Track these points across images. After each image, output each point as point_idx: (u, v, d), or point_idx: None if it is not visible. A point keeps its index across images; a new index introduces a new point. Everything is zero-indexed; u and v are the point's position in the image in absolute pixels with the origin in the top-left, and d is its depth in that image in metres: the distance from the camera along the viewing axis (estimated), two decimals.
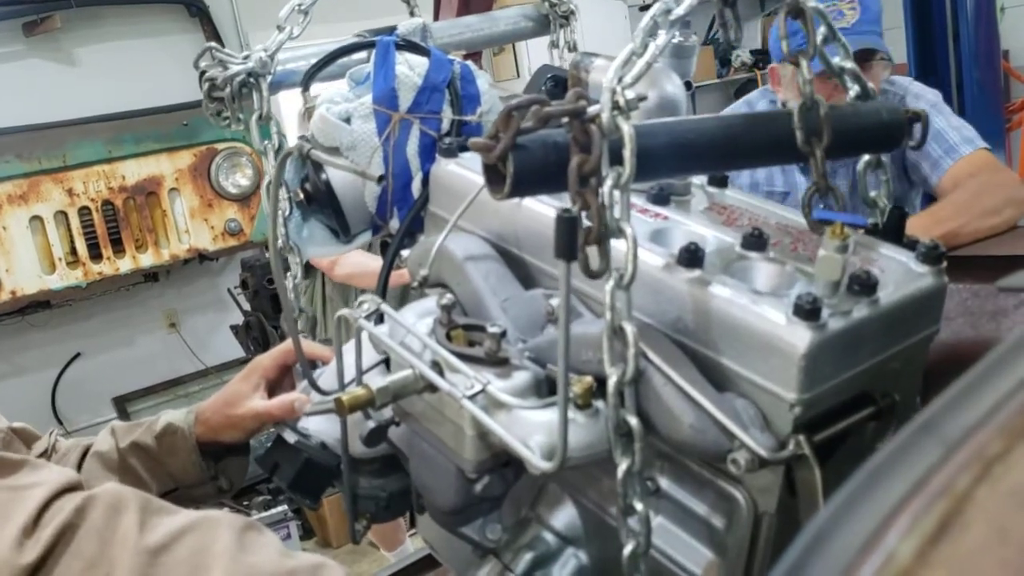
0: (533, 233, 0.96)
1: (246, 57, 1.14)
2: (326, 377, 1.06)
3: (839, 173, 2.00)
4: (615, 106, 0.71)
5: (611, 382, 0.74)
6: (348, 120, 1.11)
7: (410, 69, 1.11)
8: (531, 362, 0.85)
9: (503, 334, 0.82)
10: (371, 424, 0.92)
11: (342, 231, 1.18)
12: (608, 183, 0.71)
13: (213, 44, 1.16)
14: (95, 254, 4.19)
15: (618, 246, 0.73)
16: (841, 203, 0.89)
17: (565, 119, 0.71)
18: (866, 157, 1.00)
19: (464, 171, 1.06)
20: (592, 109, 0.71)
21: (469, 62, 1.18)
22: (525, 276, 0.99)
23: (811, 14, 0.82)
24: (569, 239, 0.65)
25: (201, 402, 1.24)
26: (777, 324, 0.74)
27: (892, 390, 0.83)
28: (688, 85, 1.04)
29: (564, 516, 0.99)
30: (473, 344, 0.87)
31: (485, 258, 0.97)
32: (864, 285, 0.77)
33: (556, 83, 1.20)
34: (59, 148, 4.09)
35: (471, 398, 0.76)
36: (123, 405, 4.60)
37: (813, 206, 0.84)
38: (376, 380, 0.80)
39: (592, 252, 0.72)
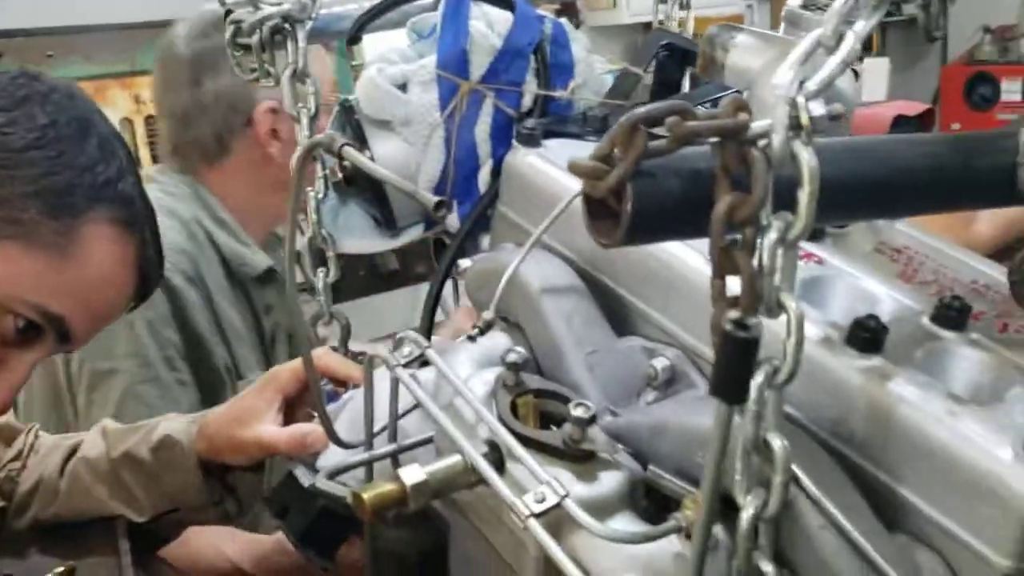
0: (638, 264, 0.76)
1: None
2: (350, 418, 0.87)
3: None
4: (794, 125, 0.49)
5: (745, 515, 0.54)
6: (404, 87, 0.91)
7: (488, 27, 0.90)
8: (623, 451, 0.66)
9: (591, 420, 0.62)
10: None
11: (386, 223, 0.98)
12: (771, 236, 0.50)
13: None
14: None
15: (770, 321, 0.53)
16: None
17: (714, 139, 0.50)
18: None
19: (549, 167, 0.85)
20: (757, 126, 0.50)
21: (563, 20, 0.96)
22: (618, 313, 0.79)
23: None
24: (742, 372, 0.45)
25: (208, 411, 1.07)
26: (997, 460, 0.53)
27: None
28: (856, 74, 0.82)
29: None
30: (548, 418, 0.68)
31: (569, 292, 0.77)
32: None
33: (672, 55, 0.99)
34: (128, 51, 3.93)
35: (540, 516, 0.57)
36: None
37: None
38: (411, 471, 0.62)
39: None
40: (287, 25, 0.94)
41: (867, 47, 4.88)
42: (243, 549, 1.23)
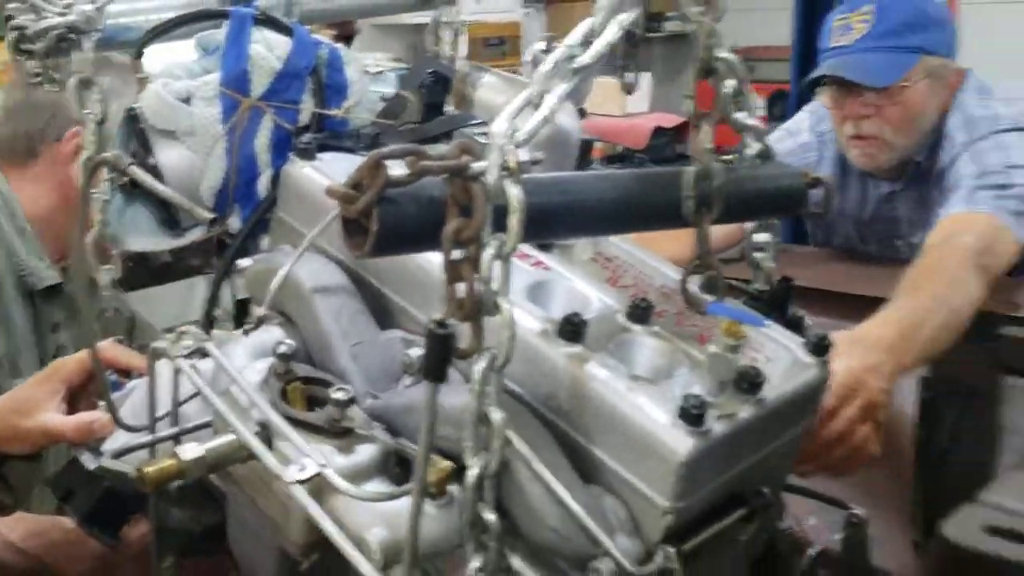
0: (398, 266, 0.87)
1: (67, 7, 0.97)
2: (133, 405, 0.93)
3: (900, 195, 1.82)
4: (504, 166, 0.62)
5: (471, 474, 0.66)
6: (188, 100, 0.97)
7: (268, 50, 0.98)
8: (379, 427, 0.77)
9: (350, 401, 0.72)
10: None
11: (169, 223, 1.04)
12: (489, 252, 0.63)
13: None
14: None
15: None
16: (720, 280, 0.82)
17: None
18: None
19: (322, 178, 0.94)
20: (477, 166, 0.62)
21: (340, 46, 1.05)
22: (382, 310, 0.90)
23: (724, 72, 0.76)
24: (441, 359, 0.56)
25: None
26: (659, 424, 0.69)
27: (761, 484, 0.80)
28: (582, 112, 0.96)
29: None
30: (314, 401, 0.78)
31: (338, 290, 0.87)
32: (752, 384, 0.72)
33: (437, 80, 1.10)
34: None
35: (303, 483, 0.67)
36: None
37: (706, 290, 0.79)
38: (190, 448, 0.69)
39: (462, 328, 0.64)
40: (72, 35, 0.97)
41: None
42: (15, 525, 1.23)
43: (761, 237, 0.92)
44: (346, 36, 1.52)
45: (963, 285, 1.29)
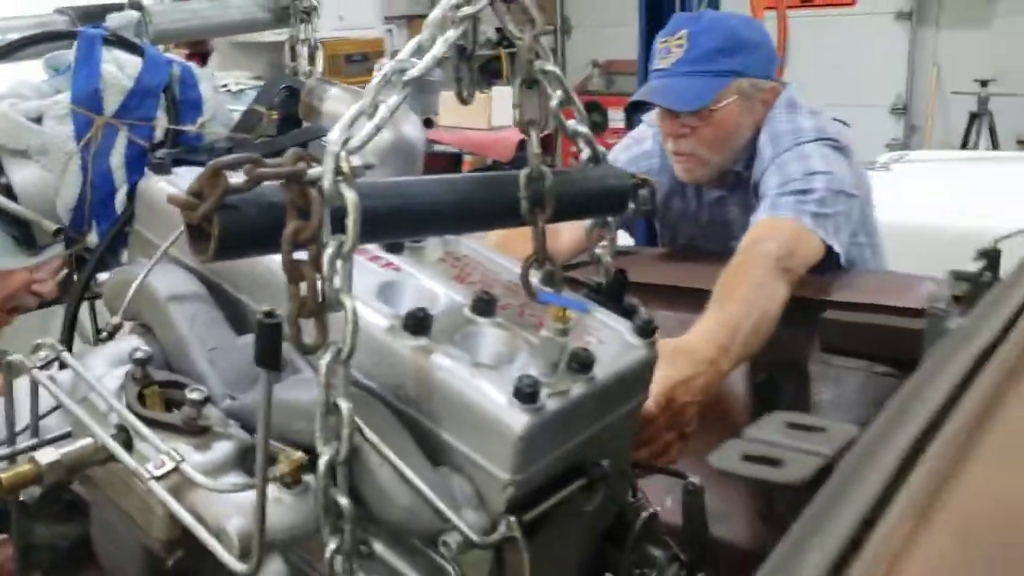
0: (251, 272, 0.90)
1: None
2: None
3: (729, 200, 1.90)
4: (338, 172, 0.67)
5: (322, 461, 0.70)
6: (39, 120, 0.98)
7: (119, 69, 0.99)
8: (237, 425, 0.80)
9: (205, 400, 0.75)
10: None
11: (26, 241, 1.04)
12: (328, 252, 0.67)
13: None
14: None
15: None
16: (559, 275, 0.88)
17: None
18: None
19: (176, 192, 0.96)
20: (313, 172, 0.66)
21: (192, 64, 1.07)
22: (238, 316, 0.92)
23: (546, 84, 0.82)
24: (272, 347, 0.60)
25: None
26: (497, 404, 0.74)
27: (601, 457, 0.87)
28: (428, 122, 1.02)
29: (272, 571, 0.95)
30: (172, 404, 0.80)
31: (192, 298, 0.89)
32: (583, 364, 0.79)
33: (291, 95, 1.13)
34: None
35: (160, 479, 0.69)
36: None
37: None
38: (46, 452, 0.71)
39: (307, 324, 0.68)
40: None
41: (497, 75, 5.32)
42: None
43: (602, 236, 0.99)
44: (201, 54, 1.53)
45: (768, 288, 1.40)
